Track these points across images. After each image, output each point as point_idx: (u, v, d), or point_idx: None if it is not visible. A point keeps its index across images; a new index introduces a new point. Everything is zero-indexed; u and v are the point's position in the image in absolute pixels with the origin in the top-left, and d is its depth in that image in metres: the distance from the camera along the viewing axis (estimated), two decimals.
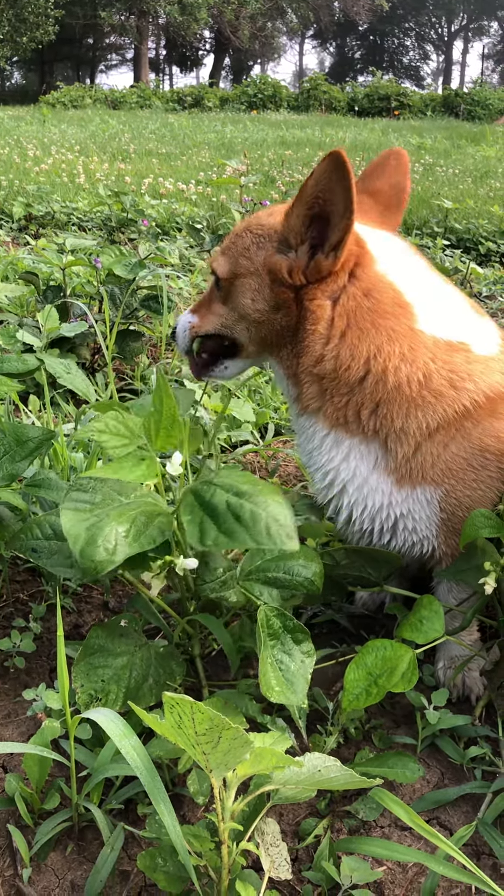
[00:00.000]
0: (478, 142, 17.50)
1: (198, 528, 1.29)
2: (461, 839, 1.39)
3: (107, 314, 3.18)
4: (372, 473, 1.61)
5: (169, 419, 1.35)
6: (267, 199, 7.49)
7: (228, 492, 1.33)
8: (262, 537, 1.27)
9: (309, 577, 1.50)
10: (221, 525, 1.28)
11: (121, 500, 1.39)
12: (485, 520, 1.51)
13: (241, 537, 1.27)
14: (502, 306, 5.29)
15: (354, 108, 30.89)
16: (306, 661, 1.40)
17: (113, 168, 10.89)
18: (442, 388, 1.54)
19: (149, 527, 1.35)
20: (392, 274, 1.59)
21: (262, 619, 1.42)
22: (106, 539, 1.29)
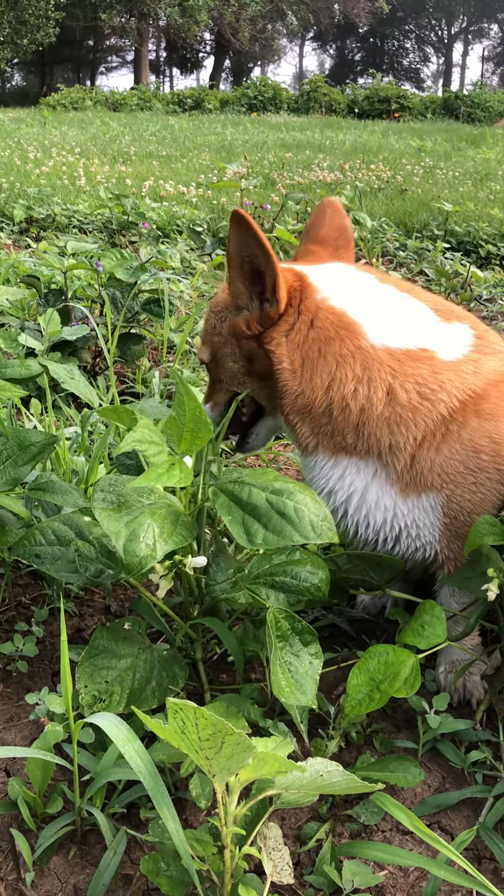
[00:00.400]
0: (478, 144, 17.51)
1: (242, 528, 1.34)
2: (462, 843, 1.39)
3: (108, 318, 3.19)
4: (375, 488, 1.64)
5: (194, 421, 1.39)
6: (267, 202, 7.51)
7: (265, 490, 1.39)
8: (308, 532, 1.35)
9: (316, 583, 1.50)
10: (268, 523, 1.35)
11: (142, 500, 1.41)
12: (489, 527, 1.51)
13: (290, 534, 1.35)
14: (502, 309, 5.30)
15: (354, 110, 30.94)
16: (314, 663, 1.41)
17: (114, 170, 10.90)
18: (412, 401, 1.57)
19: (177, 526, 1.38)
20: (335, 298, 1.65)
21: (272, 621, 1.42)
22: (146, 535, 1.33)
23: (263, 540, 1.33)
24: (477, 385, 1.61)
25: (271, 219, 4.40)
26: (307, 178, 10.19)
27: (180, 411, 1.37)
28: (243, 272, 1.64)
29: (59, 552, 1.58)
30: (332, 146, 16.18)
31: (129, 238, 6.34)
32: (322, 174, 10.55)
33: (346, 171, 11.19)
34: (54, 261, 3.36)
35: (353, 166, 11.90)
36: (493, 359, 1.67)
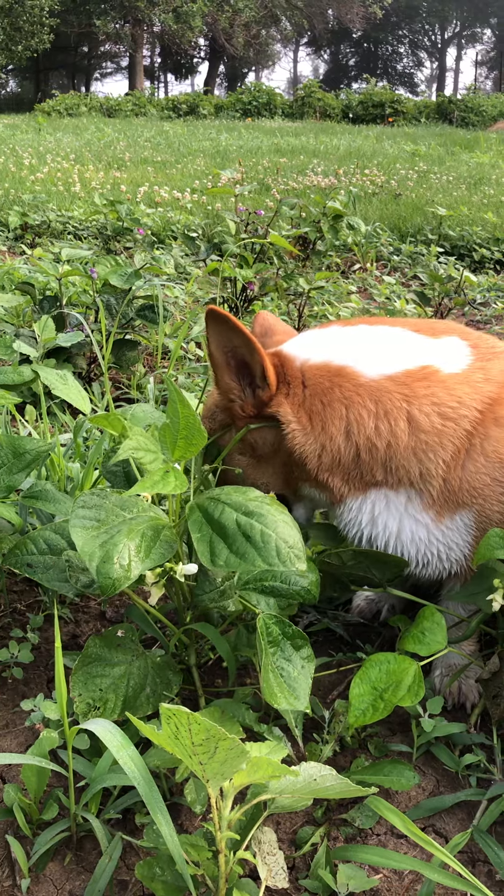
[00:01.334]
0: (472, 148, 17.58)
1: (208, 548, 1.31)
2: (456, 846, 1.39)
3: (103, 324, 3.20)
4: (409, 523, 1.63)
5: (188, 428, 1.38)
6: (262, 207, 7.52)
7: (238, 510, 1.35)
8: (272, 559, 1.30)
9: (306, 586, 1.51)
10: (232, 545, 1.31)
11: (124, 515, 1.40)
12: (500, 540, 1.51)
13: (252, 558, 1.30)
14: (497, 313, 5.32)
15: (349, 115, 31.03)
16: (307, 666, 1.41)
17: (108, 176, 10.92)
18: (435, 425, 1.56)
19: (156, 541, 1.37)
20: (314, 356, 1.67)
21: (262, 627, 1.43)
22: (120, 556, 1.32)
23: (225, 562, 1.29)
24: (492, 391, 1.61)
25: (266, 224, 4.42)
26: (302, 184, 10.22)
27: (174, 418, 1.37)
28: (230, 368, 1.63)
29: (52, 561, 1.58)
30: (327, 151, 16.23)
31: (124, 244, 6.35)
32: (316, 179, 10.58)
33: (340, 176, 11.22)
34: (49, 267, 3.37)
35: (347, 171, 11.93)
36: (497, 362, 1.68)
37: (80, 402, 1.63)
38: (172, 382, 1.40)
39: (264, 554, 1.29)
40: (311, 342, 1.72)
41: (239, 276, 3.82)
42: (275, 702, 1.34)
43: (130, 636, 1.62)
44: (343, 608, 2.09)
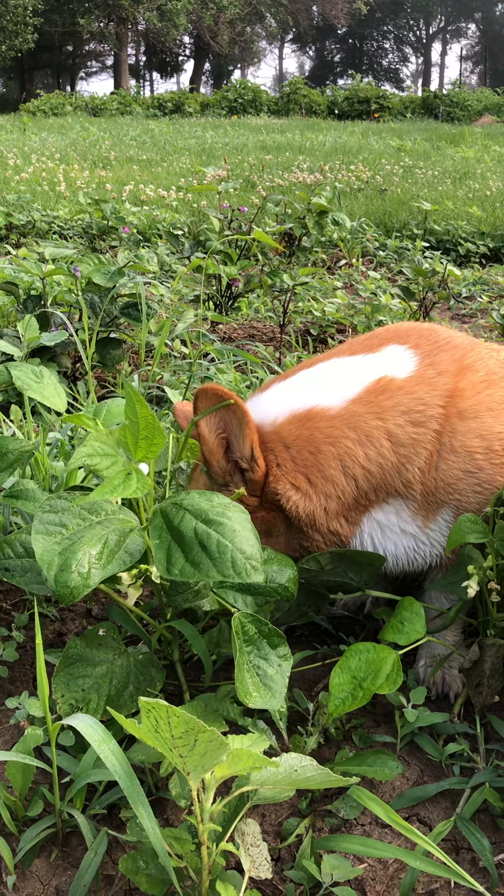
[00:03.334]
0: (457, 143, 17.61)
1: (165, 555, 1.30)
2: (439, 835, 1.41)
3: (86, 323, 3.19)
4: (397, 538, 1.67)
5: (147, 428, 1.36)
6: (247, 204, 7.53)
7: (198, 518, 1.33)
8: (227, 570, 1.29)
9: (283, 582, 1.51)
10: (188, 554, 1.30)
11: (92, 518, 1.40)
12: (471, 525, 1.53)
13: (206, 569, 1.29)
14: (481, 306, 5.34)
15: (334, 111, 31.02)
16: (283, 665, 1.42)
17: (94, 175, 10.90)
18: (410, 435, 1.58)
19: (120, 546, 1.36)
20: (277, 414, 1.65)
21: (237, 627, 1.43)
22: (79, 564, 1.31)
23: (180, 571, 1.28)
24: (448, 384, 1.63)
25: (249, 221, 4.42)
26: (287, 180, 10.23)
27: (133, 419, 1.34)
28: (222, 448, 1.59)
29: (29, 564, 1.56)
30: (313, 147, 16.23)
31: (109, 243, 6.34)
32: (302, 176, 10.59)
33: (326, 173, 11.23)
34: (32, 267, 3.36)
35: (332, 167, 11.94)
36: (444, 354, 1.70)
37: (55, 401, 1.62)
38: (130, 385, 1.39)
39: (219, 565, 1.28)
40: (264, 404, 1.70)
41: (223, 272, 3.82)
42: (249, 700, 1.33)
43: (112, 635, 1.63)
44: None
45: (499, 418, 1.64)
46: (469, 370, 1.67)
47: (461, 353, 1.71)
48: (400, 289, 4.10)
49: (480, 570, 1.55)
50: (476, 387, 1.65)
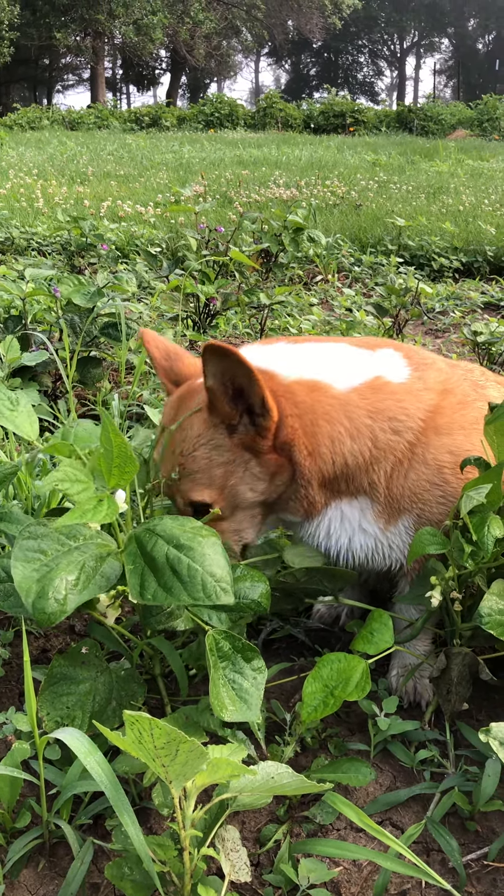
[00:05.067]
0: (431, 157, 17.85)
1: (139, 581, 1.37)
2: (411, 837, 1.48)
3: (66, 343, 3.26)
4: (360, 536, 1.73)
5: (121, 457, 1.40)
6: (224, 221, 7.62)
7: (169, 543, 1.40)
8: (198, 593, 1.35)
9: (256, 598, 1.58)
10: (160, 579, 1.36)
11: (70, 544, 1.45)
12: (431, 537, 1.61)
13: (178, 593, 1.35)
14: (454, 321, 5.46)
15: (310, 125, 31.32)
16: (258, 678, 1.48)
17: (72, 191, 10.96)
18: (388, 441, 1.66)
19: (97, 571, 1.42)
20: (287, 372, 1.70)
21: (211, 644, 1.49)
22: (56, 590, 1.37)
23: (153, 595, 1.34)
24: (432, 400, 1.72)
25: (226, 241, 4.50)
26: (264, 196, 10.34)
27: (107, 447, 1.40)
28: (227, 395, 1.62)
29: (11, 588, 1.58)
30: (289, 162, 16.39)
31: (88, 259, 6.40)
32: (279, 191, 10.71)
33: (302, 188, 11.36)
34: (13, 287, 3.42)
35: (308, 182, 12.08)
36: (431, 371, 1.79)
37: (27, 430, 1.66)
38: (104, 412, 1.45)
39: (190, 588, 1.35)
40: (273, 356, 1.75)
41: (200, 292, 3.90)
42: (224, 714, 1.39)
43: (94, 652, 1.68)
44: (305, 615, 2.17)
45: (469, 437, 1.72)
46: (450, 392, 1.77)
47: (446, 375, 1.81)
48: (374, 306, 4.20)
49: (443, 581, 1.63)
50: (453, 407, 1.75)
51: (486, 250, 7.13)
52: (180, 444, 1.66)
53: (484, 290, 6.42)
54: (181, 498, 1.67)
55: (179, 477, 1.64)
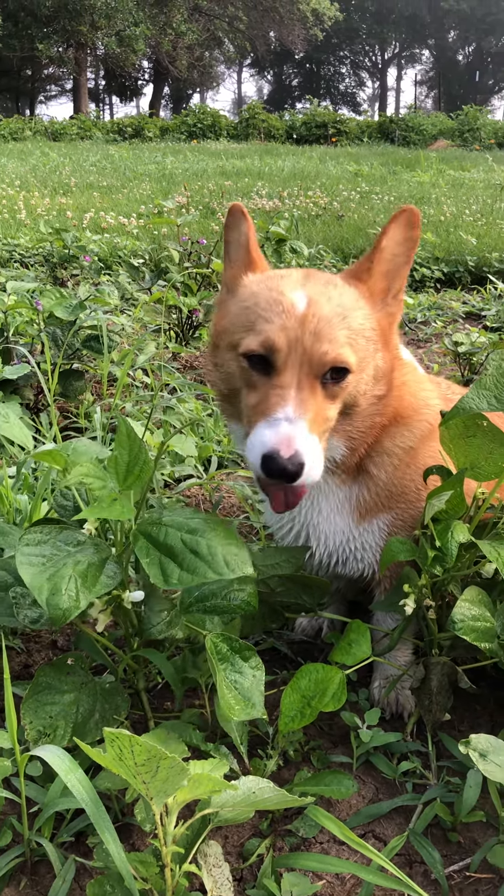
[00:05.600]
0: (412, 167, 18.00)
1: (159, 569, 1.41)
2: (393, 849, 1.48)
3: (48, 356, 3.25)
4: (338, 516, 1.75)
5: (136, 460, 1.47)
6: (207, 232, 7.64)
7: (181, 530, 1.45)
8: (222, 568, 1.41)
9: (245, 598, 1.59)
10: (182, 563, 1.42)
11: (69, 549, 1.48)
12: (401, 545, 1.63)
13: (203, 571, 1.41)
14: (436, 331, 5.49)
15: (293, 135, 31.50)
16: (257, 675, 1.50)
17: (54, 203, 10.96)
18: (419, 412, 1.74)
19: (101, 571, 1.45)
20: None
21: (211, 647, 1.50)
22: (68, 588, 1.40)
23: (178, 579, 1.39)
24: (440, 406, 1.76)
25: (209, 252, 4.51)
26: (247, 207, 10.37)
27: (122, 450, 1.46)
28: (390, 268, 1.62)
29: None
30: (271, 173, 16.47)
31: (70, 271, 6.40)
32: (261, 202, 10.76)
33: (284, 199, 11.42)
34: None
35: (291, 193, 12.15)
36: (437, 379, 1.89)
37: (23, 439, 1.69)
38: (123, 418, 1.48)
39: (214, 566, 1.41)
40: None
41: (182, 304, 3.91)
42: (233, 714, 1.41)
43: (80, 664, 1.68)
44: (288, 627, 2.17)
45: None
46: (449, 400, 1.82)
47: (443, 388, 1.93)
48: None
49: (416, 588, 1.64)
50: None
51: (467, 260, 7.19)
52: (339, 314, 1.53)
53: (465, 299, 6.47)
54: (320, 368, 1.48)
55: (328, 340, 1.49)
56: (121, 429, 1.49)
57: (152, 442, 2.99)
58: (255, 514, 2.69)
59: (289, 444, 1.38)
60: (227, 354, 1.59)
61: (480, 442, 1.56)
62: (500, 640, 1.54)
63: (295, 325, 1.47)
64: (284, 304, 1.49)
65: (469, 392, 1.53)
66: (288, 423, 1.40)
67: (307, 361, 1.46)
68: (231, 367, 1.58)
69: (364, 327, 1.56)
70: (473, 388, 1.54)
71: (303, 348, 1.46)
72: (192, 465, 3.05)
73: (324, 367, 1.47)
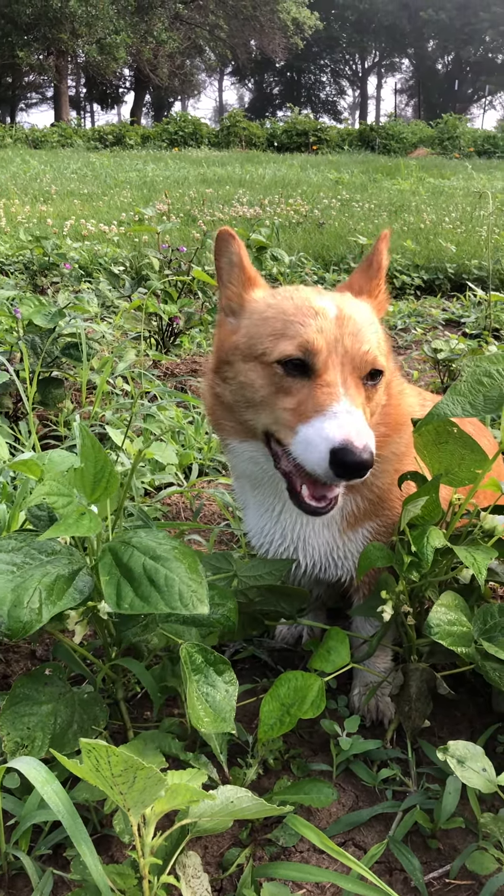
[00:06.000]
0: (393, 175, 18.11)
1: (115, 591, 1.38)
2: (373, 857, 1.48)
3: (27, 364, 3.24)
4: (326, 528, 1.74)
5: (101, 471, 1.44)
6: (188, 239, 7.64)
7: (146, 554, 1.42)
8: (175, 602, 1.37)
9: (225, 613, 1.59)
10: (138, 588, 1.38)
11: (41, 558, 1.46)
12: (377, 551, 1.63)
13: (155, 602, 1.37)
14: (416, 338, 5.52)
15: (274, 143, 31.63)
16: (230, 690, 1.48)
17: (34, 210, 10.93)
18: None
19: (70, 584, 1.43)
20: None
21: (185, 657, 1.50)
22: (31, 600, 1.37)
23: (130, 605, 1.36)
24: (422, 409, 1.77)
25: (189, 260, 4.51)
26: (228, 214, 10.40)
27: (87, 462, 1.43)
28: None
29: None
30: (253, 180, 16.52)
31: (51, 279, 6.38)
32: (242, 210, 10.78)
33: (265, 206, 11.45)
34: None
35: (272, 201, 12.19)
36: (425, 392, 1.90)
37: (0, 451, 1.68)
38: (84, 427, 1.47)
39: (167, 598, 1.37)
40: None
41: (162, 312, 3.90)
42: (201, 726, 1.40)
43: (58, 674, 1.67)
44: (268, 635, 2.17)
45: None
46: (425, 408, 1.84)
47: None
48: None
49: (394, 594, 1.64)
50: None
51: (446, 268, 7.24)
52: (368, 320, 1.56)
53: (445, 307, 6.51)
54: (362, 368, 1.49)
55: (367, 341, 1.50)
56: (84, 441, 1.46)
57: (132, 450, 2.98)
58: (236, 522, 2.68)
59: (359, 434, 1.34)
60: (246, 365, 1.56)
61: (453, 448, 1.56)
62: (477, 644, 1.54)
63: (332, 326, 1.47)
64: (316, 308, 1.50)
65: (444, 398, 1.54)
66: (349, 414, 1.36)
67: (349, 362, 1.46)
68: (250, 378, 1.55)
69: (381, 337, 1.60)
70: (448, 394, 1.55)
71: (344, 349, 1.45)
72: (173, 473, 3.04)
73: (366, 366, 1.47)
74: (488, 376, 1.57)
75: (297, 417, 1.42)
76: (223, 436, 1.70)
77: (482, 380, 1.57)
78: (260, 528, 1.77)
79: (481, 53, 77.12)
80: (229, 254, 1.68)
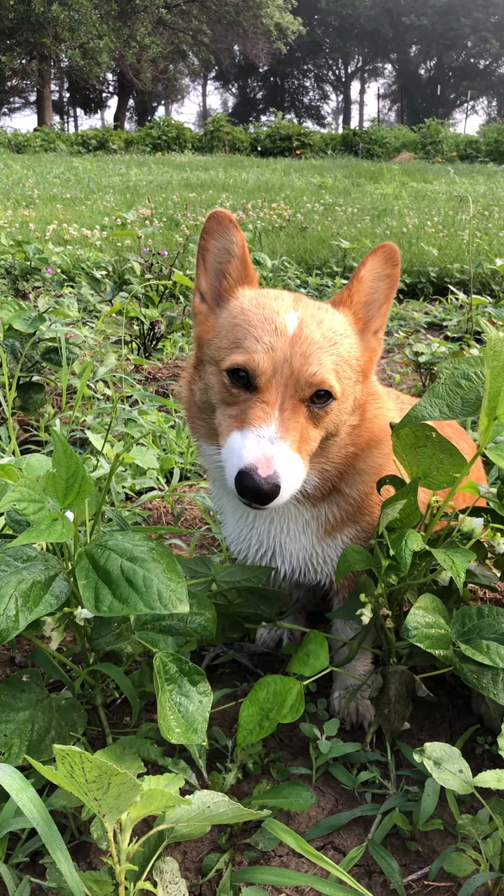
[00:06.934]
0: (376, 180, 18.19)
1: (93, 594, 1.37)
2: (352, 860, 1.48)
3: (6, 369, 3.22)
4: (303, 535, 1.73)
5: (73, 477, 1.43)
6: (171, 243, 7.64)
7: (122, 556, 1.42)
8: (154, 602, 1.37)
9: (202, 622, 1.58)
10: (116, 591, 1.38)
11: (17, 564, 1.45)
12: (356, 554, 1.63)
13: (134, 603, 1.37)
14: (398, 342, 5.54)
15: (257, 148, 31.71)
16: (204, 701, 1.47)
17: (17, 215, 10.89)
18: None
19: (46, 590, 1.42)
20: None
21: (159, 666, 1.49)
22: (7, 607, 1.37)
23: (109, 607, 1.36)
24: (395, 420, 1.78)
25: (170, 264, 4.51)
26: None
27: (59, 467, 1.43)
28: (368, 300, 1.66)
29: None
30: (236, 185, 16.53)
31: (32, 283, 6.36)
32: None
33: (248, 211, 11.46)
34: None
35: (255, 205, 12.20)
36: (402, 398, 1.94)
37: None
38: (56, 432, 1.46)
39: (146, 598, 1.36)
40: None
41: (143, 316, 3.90)
42: (172, 737, 1.39)
43: (36, 681, 1.66)
44: (248, 639, 2.17)
45: None
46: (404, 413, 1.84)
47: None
48: None
49: (373, 597, 1.64)
50: None
51: (429, 271, 7.27)
52: (328, 340, 1.53)
53: (427, 310, 6.54)
54: (306, 391, 1.47)
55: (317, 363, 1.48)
56: (56, 446, 1.46)
57: (112, 454, 2.97)
58: (217, 526, 2.68)
59: (268, 463, 1.36)
60: (210, 368, 1.57)
61: (431, 452, 1.57)
62: (455, 647, 1.55)
63: (284, 345, 1.47)
64: (277, 324, 1.49)
65: (422, 400, 1.54)
66: (269, 442, 1.38)
67: (293, 383, 1.46)
68: (211, 381, 1.56)
69: (350, 355, 1.58)
70: (426, 396, 1.55)
71: (290, 370, 1.46)
72: (154, 478, 3.03)
73: (310, 388, 1.47)
74: (466, 379, 1.58)
75: (235, 424, 1.46)
76: (196, 436, 1.70)
77: (460, 382, 1.57)
78: (237, 534, 1.76)
79: (463, 58, 77.68)
80: (228, 242, 1.64)
